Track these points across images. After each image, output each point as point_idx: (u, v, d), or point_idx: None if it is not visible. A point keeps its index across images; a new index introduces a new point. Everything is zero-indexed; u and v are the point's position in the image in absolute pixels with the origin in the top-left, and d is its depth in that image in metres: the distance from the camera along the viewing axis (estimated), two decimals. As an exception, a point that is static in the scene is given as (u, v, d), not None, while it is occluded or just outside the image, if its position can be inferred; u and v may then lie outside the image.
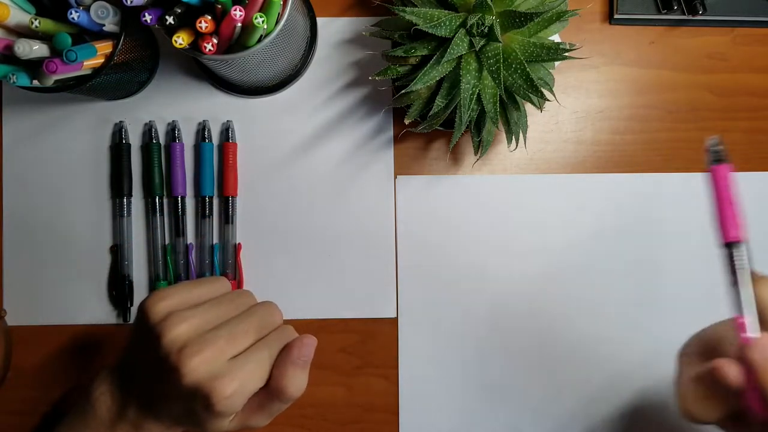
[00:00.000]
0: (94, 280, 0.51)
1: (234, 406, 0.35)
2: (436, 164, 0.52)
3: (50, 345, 0.51)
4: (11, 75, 0.39)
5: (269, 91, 0.51)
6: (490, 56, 0.39)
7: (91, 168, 0.51)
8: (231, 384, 0.34)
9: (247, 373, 0.35)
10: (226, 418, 0.36)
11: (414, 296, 0.51)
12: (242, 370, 0.35)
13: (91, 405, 0.38)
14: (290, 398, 0.37)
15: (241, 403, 0.36)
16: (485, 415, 0.51)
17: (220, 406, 0.34)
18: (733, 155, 0.52)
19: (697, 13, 0.49)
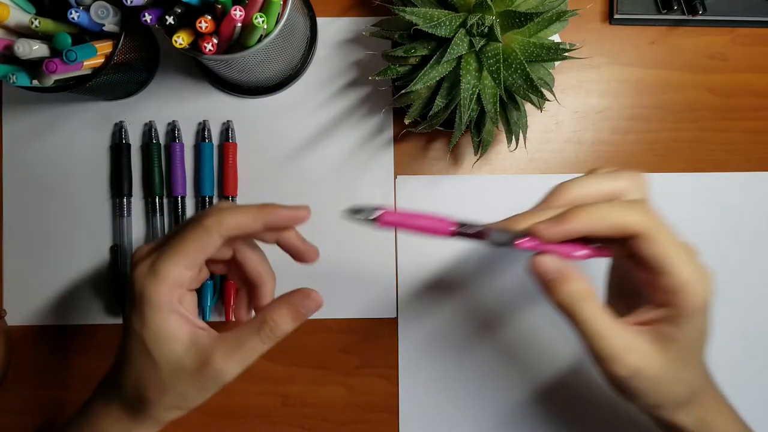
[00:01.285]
0: (94, 280, 0.51)
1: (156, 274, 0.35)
2: (436, 164, 0.52)
3: (50, 345, 0.51)
4: (11, 75, 0.39)
5: (269, 91, 0.51)
6: (490, 56, 0.39)
7: (91, 168, 0.51)
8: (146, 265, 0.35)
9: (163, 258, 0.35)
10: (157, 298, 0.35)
11: (414, 296, 0.51)
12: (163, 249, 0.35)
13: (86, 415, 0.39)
14: (269, 334, 0.36)
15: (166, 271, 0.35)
16: (485, 415, 0.51)
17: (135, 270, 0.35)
18: (733, 155, 0.52)
19: (697, 13, 0.49)
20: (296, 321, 0.37)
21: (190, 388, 0.36)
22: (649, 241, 0.32)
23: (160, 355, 0.35)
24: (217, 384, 0.36)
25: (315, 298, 0.37)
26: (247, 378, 0.51)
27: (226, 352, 0.35)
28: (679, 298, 0.33)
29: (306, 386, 0.51)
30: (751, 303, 0.51)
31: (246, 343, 0.36)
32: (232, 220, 0.35)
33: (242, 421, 0.51)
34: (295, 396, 0.51)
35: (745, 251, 0.52)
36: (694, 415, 0.36)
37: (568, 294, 0.33)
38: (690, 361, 0.35)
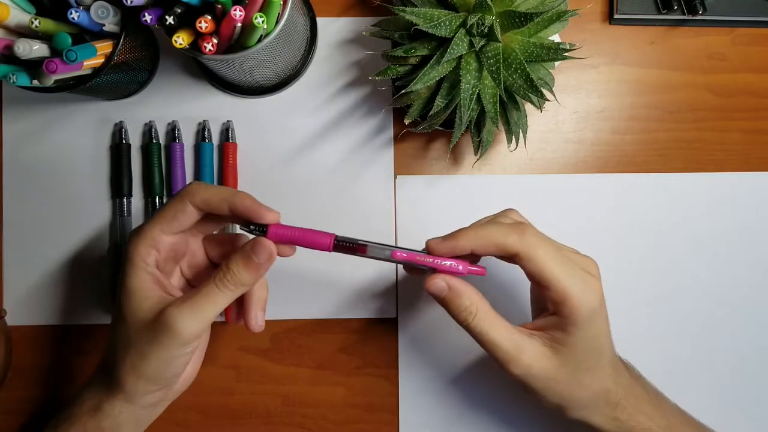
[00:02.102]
0: (94, 280, 0.51)
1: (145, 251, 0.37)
2: (436, 164, 0.52)
3: (50, 345, 0.51)
4: (11, 75, 0.39)
5: (269, 91, 0.51)
6: (490, 56, 0.39)
7: (91, 168, 0.51)
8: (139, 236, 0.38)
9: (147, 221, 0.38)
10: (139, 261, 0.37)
11: (414, 296, 0.51)
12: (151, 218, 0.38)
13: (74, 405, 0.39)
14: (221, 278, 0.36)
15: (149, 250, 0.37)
16: (485, 415, 0.51)
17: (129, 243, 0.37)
18: (733, 155, 0.52)
19: (697, 13, 0.49)
20: (249, 266, 0.37)
21: (147, 343, 0.36)
22: (527, 260, 0.36)
23: (128, 310, 0.36)
24: (172, 337, 0.35)
25: (265, 244, 0.37)
26: (247, 378, 0.51)
27: (180, 302, 0.36)
28: (564, 308, 0.36)
29: (306, 386, 0.51)
30: (751, 303, 0.51)
31: (200, 291, 0.36)
32: (205, 192, 0.37)
33: (242, 421, 0.51)
34: (295, 396, 0.51)
35: (745, 251, 0.52)
36: (606, 415, 0.39)
37: (459, 308, 0.37)
38: (587, 365, 0.37)
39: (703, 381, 0.51)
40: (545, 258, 0.36)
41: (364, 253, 0.38)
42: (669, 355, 0.51)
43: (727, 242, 0.52)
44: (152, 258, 0.38)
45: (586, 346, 0.37)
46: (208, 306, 0.36)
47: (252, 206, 0.37)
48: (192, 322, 0.35)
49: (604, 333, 0.38)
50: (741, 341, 0.51)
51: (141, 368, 0.36)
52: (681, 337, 0.51)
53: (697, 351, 0.51)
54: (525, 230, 0.36)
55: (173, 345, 0.36)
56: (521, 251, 0.36)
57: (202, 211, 0.38)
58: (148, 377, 0.37)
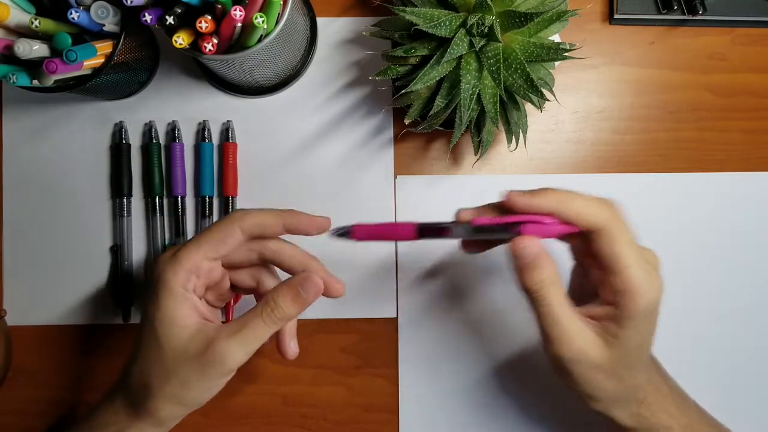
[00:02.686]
0: (94, 280, 0.51)
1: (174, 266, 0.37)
2: (436, 164, 0.52)
3: (50, 345, 0.51)
4: (11, 75, 0.39)
5: (269, 91, 0.51)
6: (490, 56, 0.39)
7: (91, 168, 0.51)
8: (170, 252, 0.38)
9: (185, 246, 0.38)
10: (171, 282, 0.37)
11: (414, 296, 0.51)
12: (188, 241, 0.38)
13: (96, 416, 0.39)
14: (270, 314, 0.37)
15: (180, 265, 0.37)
16: (485, 415, 0.51)
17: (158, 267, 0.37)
18: (733, 155, 0.52)
19: (697, 13, 0.49)
20: (296, 302, 0.37)
21: (191, 373, 0.36)
22: (607, 238, 0.34)
23: (166, 338, 0.36)
24: (219, 369, 0.36)
25: (314, 281, 0.37)
26: (247, 378, 0.51)
27: (228, 334, 0.36)
28: (625, 299, 0.34)
29: (306, 386, 0.51)
30: (752, 303, 0.51)
31: (248, 324, 0.36)
32: (255, 216, 0.37)
33: (242, 421, 0.51)
34: (295, 396, 0.51)
35: (745, 251, 0.52)
36: (630, 410, 0.38)
37: (539, 279, 0.35)
38: (630, 362, 0.36)
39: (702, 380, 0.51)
40: (626, 244, 0.34)
41: (449, 234, 0.36)
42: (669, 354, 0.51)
43: (728, 242, 0.51)
44: (191, 284, 0.37)
45: (636, 344, 0.35)
46: (255, 339, 0.36)
47: (308, 219, 0.38)
48: (240, 355, 0.36)
49: (653, 332, 0.37)
50: (741, 341, 0.51)
51: (182, 396, 0.36)
52: (681, 337, 0.51)
53: (697, 351, 0.51)
54: (614, 207, 0.35)
55: (219, 375, 0.36)
56: (607, 228, 0.34)
57: (252, 234, 0.38)
58: (187, 404, 0.37)
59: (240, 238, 0.37)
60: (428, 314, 0.51)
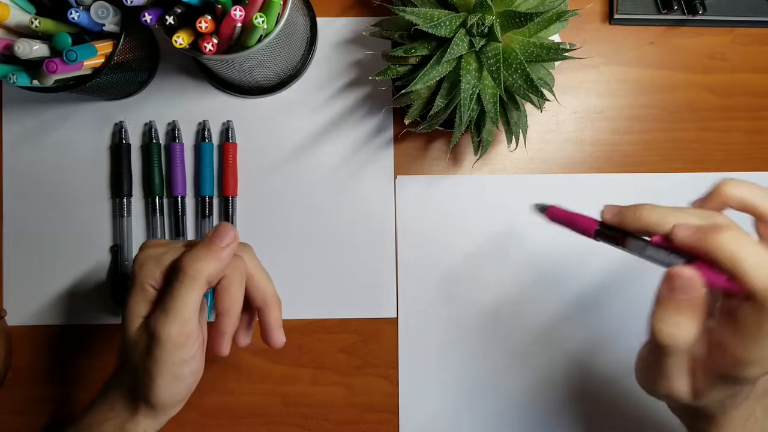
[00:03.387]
0: (94, 280, 0.51)
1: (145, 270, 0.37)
2: (436, 164, 0.52)
3: (50, 345, 0.51)
4: (11, 75, 0.39)
5: (269, 91, 0.51)
6: (490, 56, 0.39)
7: (91, 168, 0.51)
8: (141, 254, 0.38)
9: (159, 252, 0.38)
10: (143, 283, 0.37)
11: (414, 296, 0.51)
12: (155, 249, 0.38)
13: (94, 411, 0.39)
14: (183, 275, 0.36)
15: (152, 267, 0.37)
16: (485, 415, 0.51)
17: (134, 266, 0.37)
18: (733, 155, 0.52)
19: (697, 13, 0.49)
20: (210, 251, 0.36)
21: (149, 362, 0.36)
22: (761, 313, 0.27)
23: (124, 331, 0.37)
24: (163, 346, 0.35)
25: (227, 225, 0.37)
26: (247, 378, 0.51)
27: (157, 310, 0.36)
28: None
29: (306, 386, 0.51)
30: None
31: (170, 294, 0.36)
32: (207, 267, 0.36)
33: (242, 421, 0.51)
34: (295, 396, 0.51)
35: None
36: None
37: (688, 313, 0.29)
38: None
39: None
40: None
41: (624, 245, 0.32)
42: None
43: (727, 242, 0.51)
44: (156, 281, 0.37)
45: None
46: (176, 304, 0.35)
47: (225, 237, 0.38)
48: (172, 326, 0.35)
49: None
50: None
51: (154, 387, 0.36)
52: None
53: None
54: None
55: (170, 353, 0.36)
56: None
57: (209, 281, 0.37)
58: (165, 395, 0.37)
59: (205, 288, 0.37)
60: (428, 314, 0.51)
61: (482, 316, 0.51)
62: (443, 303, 0.51)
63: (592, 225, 0.34)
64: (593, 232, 0.34)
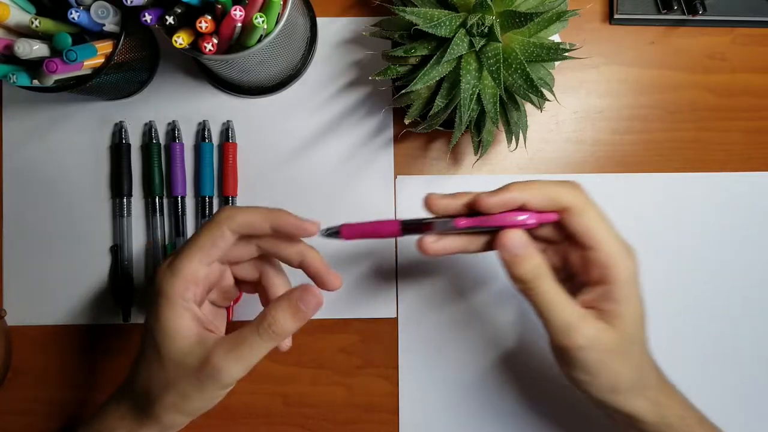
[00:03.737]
0: (94, 280, 0.51)
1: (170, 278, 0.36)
2: (436, 164, 0.52)
3: (50, 345, 0.51)
4: (11, 75, 0.39)
5: (269, 91, 0.51)
6: (490, 56, 0.39)
7: (91, 168, 0.51)
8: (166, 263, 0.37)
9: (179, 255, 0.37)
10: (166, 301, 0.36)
11: (414, 296, 0.51)
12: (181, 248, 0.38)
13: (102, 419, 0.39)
14: (267, 330, 0.36)
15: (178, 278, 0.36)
16: (485, 414, 0.51)
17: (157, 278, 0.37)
18: (733, 155, 0.52)
19: (697, 13, 0.49)
20: (295, 317, 0.36)
21: (190, 386, 0.36)
22: (579, 215, 0.35)
23: (166, 351, 0.36)
24: (216, 384, 0.36)
25: (314, 293, 0.37)
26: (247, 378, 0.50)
27: (226, 350, 0.35)
28: (611, 272, 0.35)
29: (306, 386, 0.51)
30: (752, 302, 0.51)
31: (245, 340, 0.36)
32: (242, 216, 0.37)
33: (242, 421, 0.51)
34: (295, 396, 0.51)
35: (745, 251, 0.52)
36: (649, 398, 0.37)
37: (529, 268, 0.35)
38: (635, 341, 0.36)
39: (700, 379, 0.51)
40: (596, 215, 0.35)
41: (431, 230, 0.37)
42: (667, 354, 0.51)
43: (727, 242, 0.51)
44: (190, 293, 0.37)
45: (633, 316, 0.36)
46: (252, 355, 0.36)
47: (296, 221, 0.37)
48: (237, 371, 0.36)
49: (642, 302, 0.37)
50: (740, 340, 0.51)
51: (182, 407, 0.36)
52: (680, 337, 0.51)
53: (695, 350, 0.51)
54: (578, 185, 0.36)
55: (217, 389, 0.36)
56: (575, 205, 0.35)
57: (240, 234, 0.37)
58: (189, 413, 0.37)
59: (230, 240, 0.37)
60: (428, 314, 0.51)
61: (483, 316, 0.51)
62: (443, 303, 0.51)
63: (395, 225, 0.38)
64: (399, 231, 0.38)
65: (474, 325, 0.51)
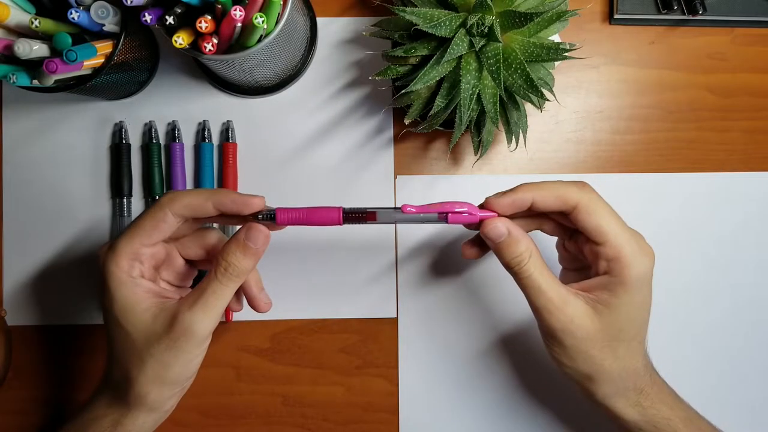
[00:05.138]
0: (94, 280, 0.51)
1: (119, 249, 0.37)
2: (436, 164, 0.52)
3: (50, 345, 0.51)
4: (11, 75, 0.39)
5: (269, 91, 0.51)
6: (490, 56, 0.39)
7: (91, 168, 0.51)
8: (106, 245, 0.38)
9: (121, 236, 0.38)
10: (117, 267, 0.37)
11: (414, 296, 0.51)
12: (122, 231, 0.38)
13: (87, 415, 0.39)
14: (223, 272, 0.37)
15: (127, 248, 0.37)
16: (485, 415, 0.51)
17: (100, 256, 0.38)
18: (733, 155, 0.52)
19: (697, 13, 0.49)
20: (246, 254, 0.37)
21: (165, 351, 0.36)
22: (587, 212, 0.36)
23: (131, 326, 0.36)
24: (190, 339, 0.36)
25: (258, 228, 0.37)
26: (247, 378, 0.51)
27: (190, 304, 0.36)
28: (617, 265, 0.36)
29: (306, 386, 0.51)
30: (751, 302, 0.51)
31: (207, 289, 0.36)
32: (185, 198, 0.37)
33: (242, 421, 0.51)
34: (295, 396, 0.51)
35: (746, 251, 0.52)
36: (631, 399, 0.38)
37: (517, 253, 0.37)
38: (626, 336, 0.37)
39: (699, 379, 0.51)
40: (604, 212, 0.36)
41: (374, 219, 0.38)
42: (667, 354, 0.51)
43: (727, 242, 0.52)
44: (137, 270, 0.38)
45: (629, 313, 0.36)
46: (218, 301, 0.36)
47: (238, 198, 0.37)
48: (207, 321, 0.36)
49: (647, 306, 0.37)
50: (740, 340, 0.51)
51: (164, 376, 0.36)
52: (679, 336, 0.51)
53: (694, 350, 0.51)
54: (586, 185, 0.37)
55: (194, 346, 0.36)
56: (582, 203, 0.36)
57: (184, 217, 0.38)
58: (173, 382, 0.37)
59: (173, 223, 0.38)
60: (428, 314, 0.51)
61: (482, 316, 0.51)
62: (443, 303, 0.51)
63: (335, 213, 0.38)
64: (340, 219, 0.38)
65: (475, 325, 0.51)
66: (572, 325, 0.36)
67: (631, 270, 0.35)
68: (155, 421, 0.39)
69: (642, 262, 0.36)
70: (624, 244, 0.36)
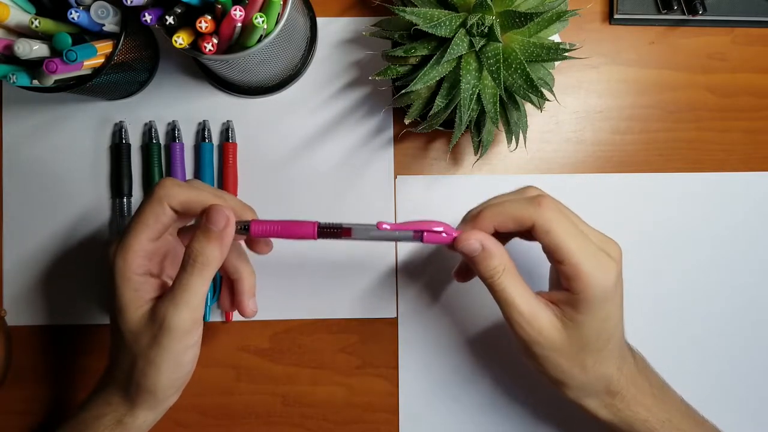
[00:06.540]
0: (94, 280, 0.51)
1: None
2: (436, 164, 0.52)
3: (50, 345, 0.51)
4: (11, 75, 0.39)
5: (269, 91, 0.51)
6: (490, 56, 0.39)
7: (91, 168, 0.51)
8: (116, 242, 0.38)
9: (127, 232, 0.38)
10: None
11: (414, 296, 0.51)
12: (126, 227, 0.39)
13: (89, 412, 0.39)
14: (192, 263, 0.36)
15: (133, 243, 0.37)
16: (485, 414, 0.51)
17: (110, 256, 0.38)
18: (732, 155, 0.52)
19: (697, 13, 0.49)
20: (209, 239, 0.37)
21: (151, 348, 0.36)
22: (544, 232, 0.36)
23: (125, 325, 0.37)
24: (170, 335, 0.36)
25: (218, 209, 0.37)
26: (247, 378, 0.51)
27: (167, 300, 0.36)
28: (576, 284, 0.36)
29: (306, 386, 0.51)
30: (751, 302, 0.51)
31: (178, 283, 0.36)
32: (183, 195, 0.38)
33: (242, 421, 0.51)
34: (295, 396, 0.51)
35: (745, 251, 0.52)
36: (602, 402, 0.39)
37: (492, 267, 0.37)
38: (593, 348, 0.37)
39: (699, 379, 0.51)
40: (561, 231, 0.36)
41: (350, 235, 0.38)
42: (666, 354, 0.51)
43: (727, 242, 0.52)
44: (143, 268, 0.38)
45: (594, 328, 0.37)
46: (185, 293, 0.36)
47: (234, 205, 0.39)
48: (183, 314, 0.36)
49: (614, 318, 0.38)
50: (740, 340, 0.51)
51: (156, 376, 0.37)
52: (679, 336, 0.51)
53: (693, 349, 0.51)
54: (542, 202, 0.37)
55: (176, 342, 0.36)
56: (537, 223, 0.36)
57: (181, 211, 0.38)
58: (166, 380, 0.37)
59: (171, 216, 0.38)
60: (428, 314, 0.51)
61: (482, 316, 0.51)
62: (443, 303, 0.51)
63: (310, 227, 0.37)
64: (314, 234, 0.37)
65: (475, 325, 0.51)
66: (540, 336, 0.37)
67: (590, 289, 0.35)
68: (156, 417, 0.39)
69: (602, 278, 0.36)
70: (582, 262, 0.35)
